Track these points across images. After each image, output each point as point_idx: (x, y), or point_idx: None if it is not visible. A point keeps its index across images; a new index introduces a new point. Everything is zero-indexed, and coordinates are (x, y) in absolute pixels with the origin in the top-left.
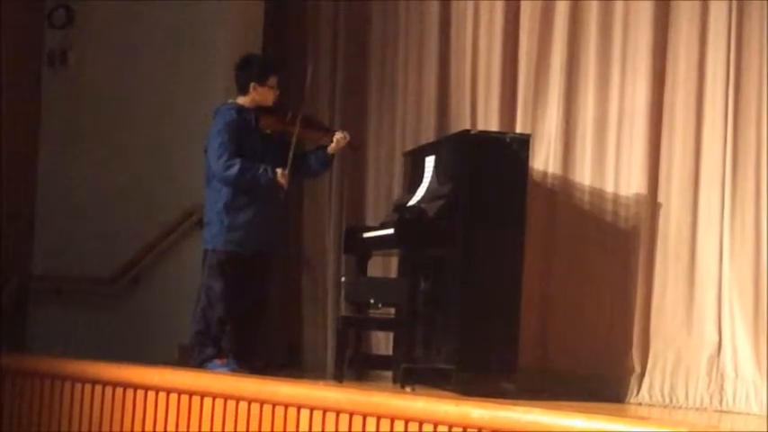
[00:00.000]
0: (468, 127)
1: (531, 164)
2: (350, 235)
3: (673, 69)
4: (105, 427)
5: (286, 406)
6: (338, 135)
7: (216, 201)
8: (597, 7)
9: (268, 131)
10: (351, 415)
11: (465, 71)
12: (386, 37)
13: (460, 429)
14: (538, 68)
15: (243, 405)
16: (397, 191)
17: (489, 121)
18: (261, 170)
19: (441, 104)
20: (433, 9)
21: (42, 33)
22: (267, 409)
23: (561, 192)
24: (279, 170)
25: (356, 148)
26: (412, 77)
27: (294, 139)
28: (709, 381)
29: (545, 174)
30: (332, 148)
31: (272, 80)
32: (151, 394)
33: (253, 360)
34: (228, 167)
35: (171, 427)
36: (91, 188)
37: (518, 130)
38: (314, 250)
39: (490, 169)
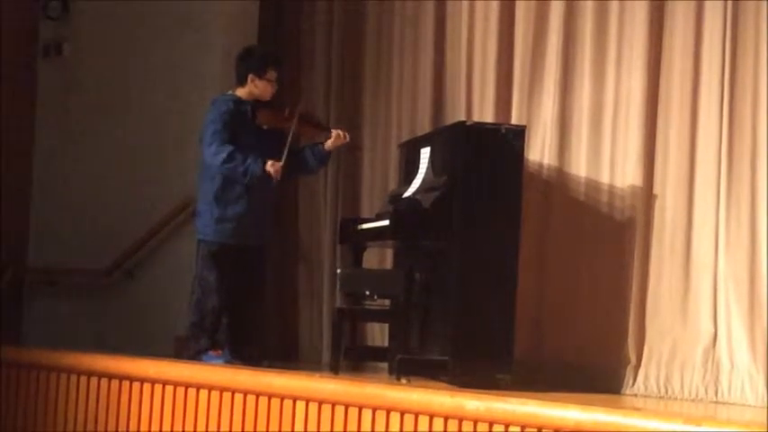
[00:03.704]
0: (463, 118)
1: (526, 155)
2: (345, 226)
3: (668, 61)
4: (101, 419)
5: (281, 398)
6: (337, 131)
7: (208, 191)
8: None
9: (264, 127)
10: (346, 407)
11: (460, 62)
12: (381, 27)
13: (456, 421)
14: (533, 60)
15: (238, 397)
16: (392, 182)
17: (485, 113)
18: (250, 158)
19: (436, 96)
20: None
21: (37, 25)
22: (263, 400)
23: (556, 183)
24: (269, 161)
25: (355, 148)
26: (407, 69)
27: (291, 136)
28: (705, 372)
29: (540, 165)
30: (330, 144)
31: (271, 74)
32: (147, 386)
33: (248, 351)
34: (217, 153)
35: (166, 419)
36: (86, 180)
37: (513, 121)
38: (309, 241)
39: (485, 160)
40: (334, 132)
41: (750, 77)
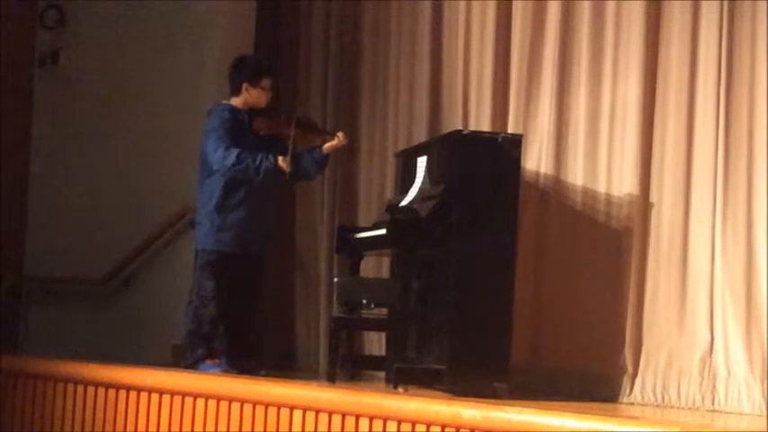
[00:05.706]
0: (460, 127)
1: (523, 164)
2: (342, 235)
3: (664, 69)
4: (98, 428)
5: (278, 406)
6: (335, 134)
7: (207, 201)
8: (589, 7)
9: (262, 134)
10: (343, 416)
11: (457, 71)
12: (378, 36)
13: (453, 429)
14: (530, 68)
15: (235, 406)
16: (389, 191)
17: (481, 122)
18: (260, 156)
19: (433, 104)
20: (426, 8)
21: (34, 33)
22: (260, 409)
23: (553, 191)
24: (280, 157)
25: (353, 151)
26: (404, 78)
27: (291, 142)
28: (702, 380)
29: (537, 173)
30: (327, 146)
31: (266, 82)
32: (144, 395)
33: (245, 360)
34: (226, 156)
35: (164, 428)
36: (83, 188)
37: (510, 130)
38: (306, 250)
39: (482, 169)
40: (331, 135)
41: (746, 85)
